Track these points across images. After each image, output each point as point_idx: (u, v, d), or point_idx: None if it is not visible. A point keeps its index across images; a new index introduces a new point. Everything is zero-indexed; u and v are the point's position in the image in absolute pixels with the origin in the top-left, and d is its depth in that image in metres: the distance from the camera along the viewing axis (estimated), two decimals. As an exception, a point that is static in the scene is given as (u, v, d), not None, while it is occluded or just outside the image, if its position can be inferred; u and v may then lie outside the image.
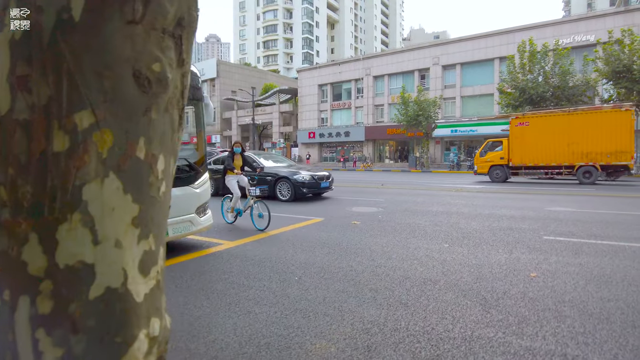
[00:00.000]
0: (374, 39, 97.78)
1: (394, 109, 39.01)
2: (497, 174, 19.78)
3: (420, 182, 19.89)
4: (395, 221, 8.18)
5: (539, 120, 18.70)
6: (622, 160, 16.78)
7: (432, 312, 3.58)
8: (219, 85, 56.73)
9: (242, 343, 3.06)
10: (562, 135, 17.76)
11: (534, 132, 18.51)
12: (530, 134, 18.57)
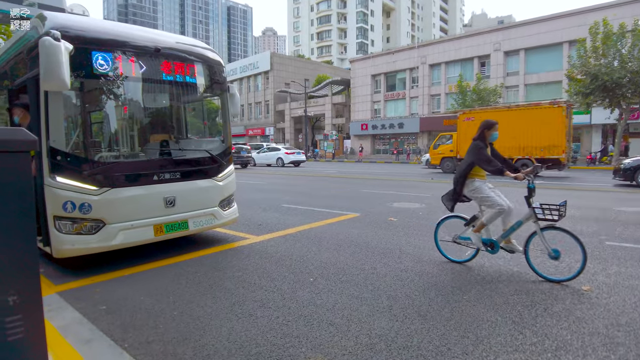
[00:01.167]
0: (432, 26, 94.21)
1: (451, 98, 37.31)
2: (448, 165, 21.71)
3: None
4: (435, 219, 7.57)
5: (484, 116, 19.28)
6: (554, 154, 17.59)
7: (453, 328, 3.12)
8: (272, 77, 57.41)
9: (232, 351, 2.81)
10: (502, 130, 17.67)
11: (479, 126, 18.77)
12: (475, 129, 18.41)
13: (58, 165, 4.31)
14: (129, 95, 5.17)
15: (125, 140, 5.32)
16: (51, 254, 4.43)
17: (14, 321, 1.74)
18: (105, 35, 4.75)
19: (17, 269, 1.75)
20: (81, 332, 3.07)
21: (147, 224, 4.87)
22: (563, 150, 17.47)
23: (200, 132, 6.53)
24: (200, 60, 5.65)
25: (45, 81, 3.84)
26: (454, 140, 21.34)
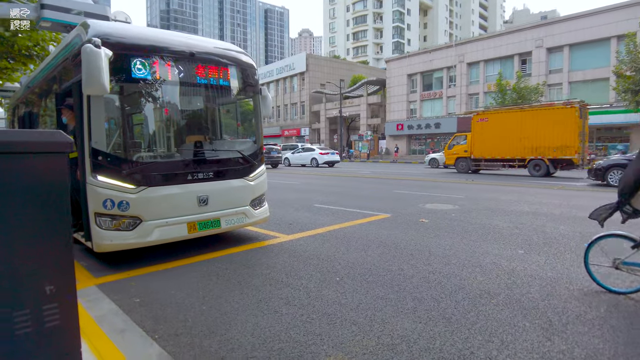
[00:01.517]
0: (470, 23, 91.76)
1: (490, 97, 36.26)
2: (462, 165, 22.09)
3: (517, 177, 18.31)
4: (469, 221, 7.45)
5: (497, 117, 20.23)
6: (567, 154, 17.59)
7: (477, 331, 3.07)
8: (308, 78, 57.79)
9: (255, 345, 2.90)
10: (515, 131, 19.13)
11: (492, 127, 20.11)
12: (489, 129, 20.21)
13: (99, 165, 4.56)
14: (165, 98, 5.39)
15: (161, 141, 5.55)
16: (92, 249, 4.70)
17: (51, 309, 1.88)
18: (143, 41, 4.98)
19: (53, 261, 1.89)
20: (116, 322, 3.25)
21: (181, 222, 5.06)
22: (576, 150, 17.42)
23: (233, 133, 6.70)
24: (233, 63, 5.80)
25: (86, 86, 4.08)
26: (468, 141, 21.58)
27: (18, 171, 1.80)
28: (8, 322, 1.78)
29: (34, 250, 1.84)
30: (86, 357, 2.51)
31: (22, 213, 1.81)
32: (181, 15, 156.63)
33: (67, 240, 1.94)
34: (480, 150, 20.81)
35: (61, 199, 1.90)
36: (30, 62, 11.61)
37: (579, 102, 18.12)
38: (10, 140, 1.82)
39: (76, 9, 8.15)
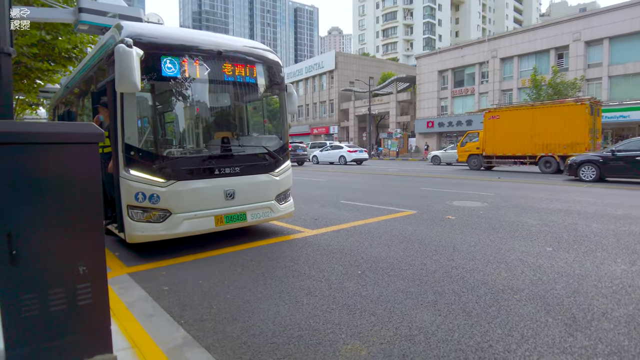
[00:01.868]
0: (504, 17, 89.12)
1: (524, 93, 35.17)
2: (474, 162, 22.49)
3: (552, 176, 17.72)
4: (497, 218, 7.32)
5: (508, 114, 20.36)
6: (577, 151, 17.16)
7: (497, 325, 3.05)
8: (337, 76, 57.78)
9: (276, 332, 2.99)
10: (526, 128, 19.23)
11: (504, 124, 20.28)
12: (501, 127, 20.38)
13: (131, 160, 4.78)
14: (193, 96, 5.57)
15: (189, 137, 5.75)
16: (125, 240, 4.93)
17: (84, 288, 2.03)
18: (173, 40, 5.18)
19: (86, 243, 2.04)
20: (145, 308, 3.42)
21: (208, 215, 5.23)
22: (586, 147, 17.37)
23: (259, 129, 6.84)
24: (260, 61, 5.93)
25: (119, 84, 4.29)
26: (480, 138, 21.95)
27: (55, 159, 1.95)
28: (44, 299, 1.93)
29: (69, 232, 1.99)
30: (116, 338, 2.67)
31: (59, 197, 1.96)
32: (212, 16, 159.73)
33: (99, 223, 2.09)
34: (491, 147, 21.12)
35: (93, 185, 2.04)
36: (70, 63, 12.17)
37: (589, 99, 18.15)
38: (49, 132, 1.98)
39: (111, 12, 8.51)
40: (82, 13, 8.11)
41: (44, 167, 1.93)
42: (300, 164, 28.10)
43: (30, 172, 1.90)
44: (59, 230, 1.97)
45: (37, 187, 1.92)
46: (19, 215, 1.88)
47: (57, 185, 1.96)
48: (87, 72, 6.41)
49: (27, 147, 1.88)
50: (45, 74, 12.84)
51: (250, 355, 2.68)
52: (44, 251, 1.94)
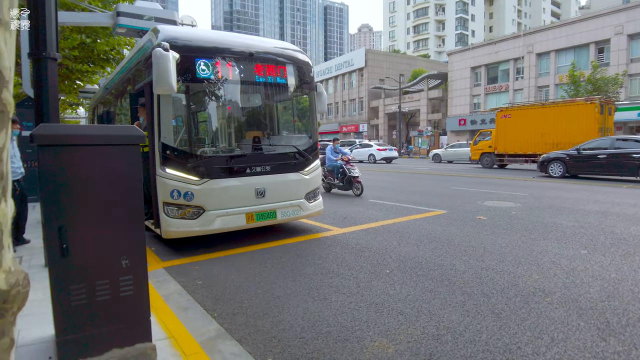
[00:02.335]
0: (541, 11, 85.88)
1: (562, 90, 33.90)
2: (486, 161, 22.64)
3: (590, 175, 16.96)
4: (530, 219, 7.15)
5: (520, 113, 20.68)
6: None
7: (527, 328, 3.02)
8: (367, 74, 57.43)
9: (305, 328, 3.08)
10: (537, 127, 19.48)
11: (515, 123, 20.57)
12: (512, 125, 20.71)
13: (167, 159, 4.98)
14: (226, 96, 5.73)
15: (222, 137, 5.91)
16: (160, 235, 5.15)
17: (126, 280, 2.17)
18: (206, 43, 5.35)
19: (129, 238, 2.18)
20: (180, 301, 3.58)
21: (240, 212, 5.38)
22: None
23: (289, 128, 6.95)
24: (290, 62, 6.03)
25: (157, 86, 4.48)
26: (493, 137, 22.19)
27: (102, 160, 2.10)
28: (91, 289, 2.08)
29: (113, 227, 2.13)
30: (154, 329, 2.82)
31: (104, 195, 2.11)
32: (243, 16, 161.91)
33: (140, 219, 2.22)
34: (503, 146, 21.42)
35: (135, 183, 2.18)
36: (108, 65, 12.68)
37: (600, 99, 18.44)
38: (96, 134, 2.12)
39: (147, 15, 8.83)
40: (120, 17, 8.46)
41: (92, 167, 2.08)
42: (329, 162, 28.14)
43: (79, 172, 2.05)
44: (104, 225, 2.11)
45: (85, 186, 2.07)
46: (69, 212, 2.04)
47: (103, 184, 2.10)
48: (125, 73, 6.69)
49: (76, 148, 2.03)
50: (85, 75, 13.43)
51: (280, 349, 2.77)
52: (91, 245, 2.09)
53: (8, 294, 0.80)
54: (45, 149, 1.96)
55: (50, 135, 1.96)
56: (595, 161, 14.48)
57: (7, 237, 0.85)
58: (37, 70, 3.76)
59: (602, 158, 14.28)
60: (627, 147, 13.85)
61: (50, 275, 2.01)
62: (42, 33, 3.74)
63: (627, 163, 13.62)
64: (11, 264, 0.85)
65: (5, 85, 0.80)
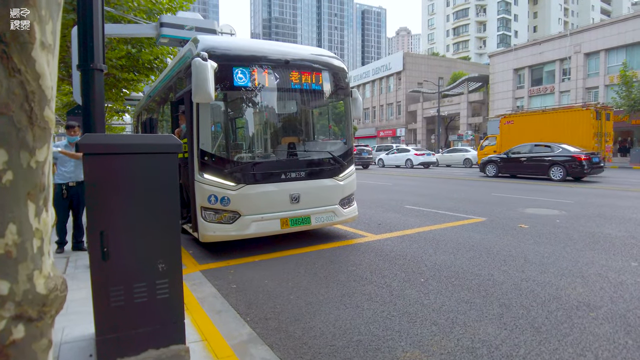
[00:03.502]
0: (590, 8, 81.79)
1: (612, 91, 32.15)
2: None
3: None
4: (575, 228, 6.81)
5: (521, 119, 21.95)
6: None
7: (569, 344, 2.88)
8: (404, 78, 56.79)
9: (336, 335, 3.07)
10: (537, 132, 20.23)
11: (517, 129, 21.57)
12: (515, 131, 21.67)
13: (205, 165, 5.13)
14: (262, 103, 5.84)
15: (258, 143, 6.03)
16: (198, 239, 5.30)
17: (162, 283, 2.25)
18: (243, 52, 5.48)
19: (165, 244, 2.26)
20: (214, 304, 3.67)
21: (274, 217, 5.45)
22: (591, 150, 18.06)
23: (324, 134, 6.98)
24: (326, 68, 6.07)
25: (195, 95, 4.63)
26: (497, 142, 23.19)
27: (141, 167, 2.19)
28: (129, 291, 2.17)
29: (151, 232, 2.22)
30: (189, 331, 2.90)
31: (143, 201, 2.20)
32: (282, 22, 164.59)
33: (176, 225, 2.30)
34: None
35: (172, 190, 2.26)
36: (152, 73, 13.24)
37: (595, 105, 19.56)
38: (137, 143, 2.22)
39: (188, 25, 9.16)
40: (163, 27, 8.82)
41: (131, 174, 2.18)
42: (365, 168, 28.01)
43: (119, 179, 2.16)
44: (142, 230, 2.21)
45: (125, 192, 2.17)
46: (110, 217, 2.14)
47: (141, 191, 2.20)
48: (167, 82, 6.97)
49: (117, 157, 2.14)
50: (131, 83, 14.10)
51: (310, 356, 2.78)
52: (130, 249, 2.18)
53: (47, 298, 0.86)
54: (89, 157, 2.08)
55: (94, 144, 2.08)
56: (518, 163, 17.49)
57: (47, 245, 0.91)
58: (85, 81, 3.98)
59: (522, 160, 17.30)
60: (541, 151, 16.81)
61: (92, 277, 2.12)
62: (90, 46, 3.96)
63: (539, 165, 16.60)
64: (50, 270, 0.90)
65: (47, 103, 0.87)
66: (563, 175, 15.78)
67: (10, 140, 0.78)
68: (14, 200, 0.80)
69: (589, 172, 15.68)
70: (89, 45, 4.00)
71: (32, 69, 0.79)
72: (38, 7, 0.79)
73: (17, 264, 0.81)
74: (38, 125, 0.83)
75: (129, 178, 2.16)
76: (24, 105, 0.79)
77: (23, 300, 0.82)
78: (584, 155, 15.42)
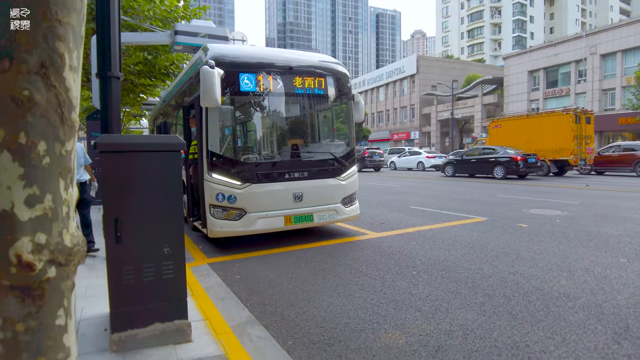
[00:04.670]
0: (608, 9, 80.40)
1: (629, 92, 31.73)
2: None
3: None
4: (574, 227, 6.96)
5: (509, 123, 23.07)
6: (564, 155, 19.90)
7: (540, 329, 3.12)
8: (418, 80, 56.77)
9: (326, 319, 3.37)
10: (523, 135, 21.47)
11: (505, 133, 22.73)
12: (502, 135, 22.81)
13: (213, 165, 5.49)
14: (268, 107, 6.18)
15: (263, 145, 6.37)
16: (207, 235, 5.65)
17: (167, 265, 2.58)
18: (250, 59, 5.84)
19: (170, 230, 2.59)
20: (219, 292, 4.00)
21: (279, 215, 5.78)
22: (571, 152, 19.63)
23: (327, 136, 7.29)
24: (328, 74, 6.38)
25: (203, 100, 5.00)
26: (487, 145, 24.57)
27: (149, 163, 2.53)
28: (139, 271, 2.51)
29: (158, 220, 2.56)
30: (193, 313, 3.25)
31: (151, 192, 2.54)
32: (296, 27, 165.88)
33: (180, 213, 2.63)
34: None
35: (176, 183, 2.60)
36: (168, 78, 13.74)
37: (574, 110, 20.70)
38: (144, 142, 2.57)
39: (202, 32, 9.59)
40: (178, 35, 9.26)
41: (141, 169, 2.52)
42: (377, 170, 28.21)
43: (131, 173, 2.50)
44: (150, 218, 2.54)
45: (135, 184, 2.51)
46: (122, 206, 2.48)
47: (150, 183, 2.53)
48: (180, 87, 7.37)
49: (129, 154, 2.48)
50: (148, 88, 14.64)
51: (300, 335, 3.09)
52: (140, 234, 2.52)
53: (72, 250, 1.17)
54: (105, 154, 2.43)
55: (109, 143, 2.43)
56: (470, 164, 20.24)
57: (72, 212, 1.23)
58: (103, 88, 4.37)
59: (473, 161, 20.07)
60: (487, 153, 19.54)
61: (107, 258, 2.47)
62: (107, 55, 4.34)
63: (486, 165, 19.28)
64: (74, 230, 1.22)
65: (73, 109, 1.18)
66: (504, 174, 18.32)
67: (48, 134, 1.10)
68: (50, 177, 1.11)
69: (524, 171, 18.31)
70: (106, 54, 4.38)
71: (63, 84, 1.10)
72: (67, 41, 1.11)
73: (51, 222, 1.12)
74: (67, 124, 1.14)
75: (138, 172, 2.50)
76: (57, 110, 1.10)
77: (55, 249, 1.13)
78: (520, 157, 18.07)
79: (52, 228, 1.13)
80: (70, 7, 1.11)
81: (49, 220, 1.12)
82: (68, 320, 1.21)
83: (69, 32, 1.12)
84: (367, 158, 27.13)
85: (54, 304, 1.16)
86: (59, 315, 1.18)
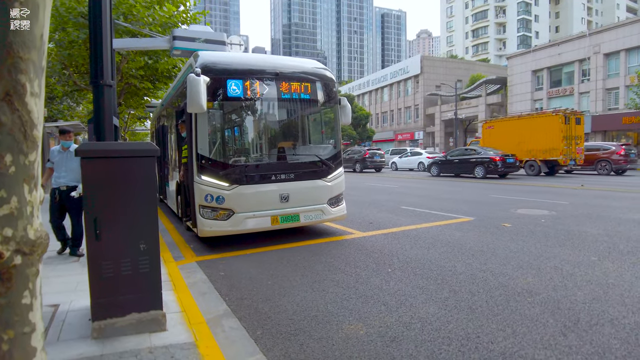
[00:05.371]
0: (615, 7, 79.77)
1: (632, 92, 31.62)
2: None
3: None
4: (556, 227, 7.15)
5: (501, 124, 23.71)
6: (554, 156, 20.45)
7: (494, 322, 3.34)
8: (422, 81, 56.82)
9: (297, 312, 3.62)
10: (514, 136, 22.11)
11: (497, 133, 23.42)
12: (495, 135, 23.52)
13: (203, 167, 5.76)
14: (255, 111, 6.44)
15: (251, 148, 6.63)
16: (197, 234, 5.92)
17: (144, 260, 2.84)
18: (239, 66, 6.10)
19: (145, 228, 2.86)
20: (202, 288, 4.26)
21: (265, 215, 6.03)
22: (561, 152, 20.15)
23: (314, 139, 7.53)
24: (315, 79, 6.63)
25: (189, 106, 5.27)
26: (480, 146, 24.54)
27: (126, 168, 2.79)
28: (117, 265, 2.77)
29: (134, 219, 2.82)
30: (173, 306, 3.51)
31: (128, 194, 2.80)
32: (301, 28, 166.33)
33: (154, 213, 2.89)
34: None
35: (150, 186, 2.86)
36: (170, 81, 14.06)
37: (564, 111, 21.26)
38: (120, 149, 2.83)
39: (200, 38, 9.88)
40: (176, 40, 9.57)
41: (119, 173, 2.78)
42: (378, 171, 28.40)
43: (108, 176, 2.76)
44: (127, 217, 2.80)
45: (114, 187, 2.77)
46: (101, 206, 2.75)
47: (126, 185, 2.80)
48: (174, 92, 7.66)
49: (107, 160, 2.74)
50: (150, 91, 15.00)
51: (270, 326, 3.34)
52: (117, 231, 2.78)
53: (35, 242, 1.43)
54: (86, 160, 2.70)
55: (88, 150, 2.69)
56: (453, 164, 21.34)
57: (36, 211, 1.48)
58: (95, 95, 4.64)
59: (456, 162, 21.19)
60: (469, 154, 20.77)
61: (87, 253, 2.73)
62: (100, 64, 4.61)
63: (467, 165, 20.43)
64: (38, 227, 1.48)
65: (35, 127, 1.44)
66: (484, 173, 19.47)
67: (13, 148, 1.35)
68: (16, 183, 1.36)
69: (503, 171, 19.37)
70: (98, 63, 4.65)
71: (25, 108, 1.35)
72: (28, 73, 1.36)
73: (17, 219, 1.37)
74: (30, 140, 1.39)
75: (116, 176, 2.77)
76: (21, 129, 1.35)
77: (20, 241, 1.38)
78: (498, 157, 19.15)
79: (17, 224, 1.39)
80: (30, 46, 1.37)
81: (15, 218, 1.38)
82: (33, 300, 1.47)
83: (30, 66, 1.38)
84: (367, 159, 27.33)
85: (21, 286, 1.42)
86: (25, 296, 1.44)
